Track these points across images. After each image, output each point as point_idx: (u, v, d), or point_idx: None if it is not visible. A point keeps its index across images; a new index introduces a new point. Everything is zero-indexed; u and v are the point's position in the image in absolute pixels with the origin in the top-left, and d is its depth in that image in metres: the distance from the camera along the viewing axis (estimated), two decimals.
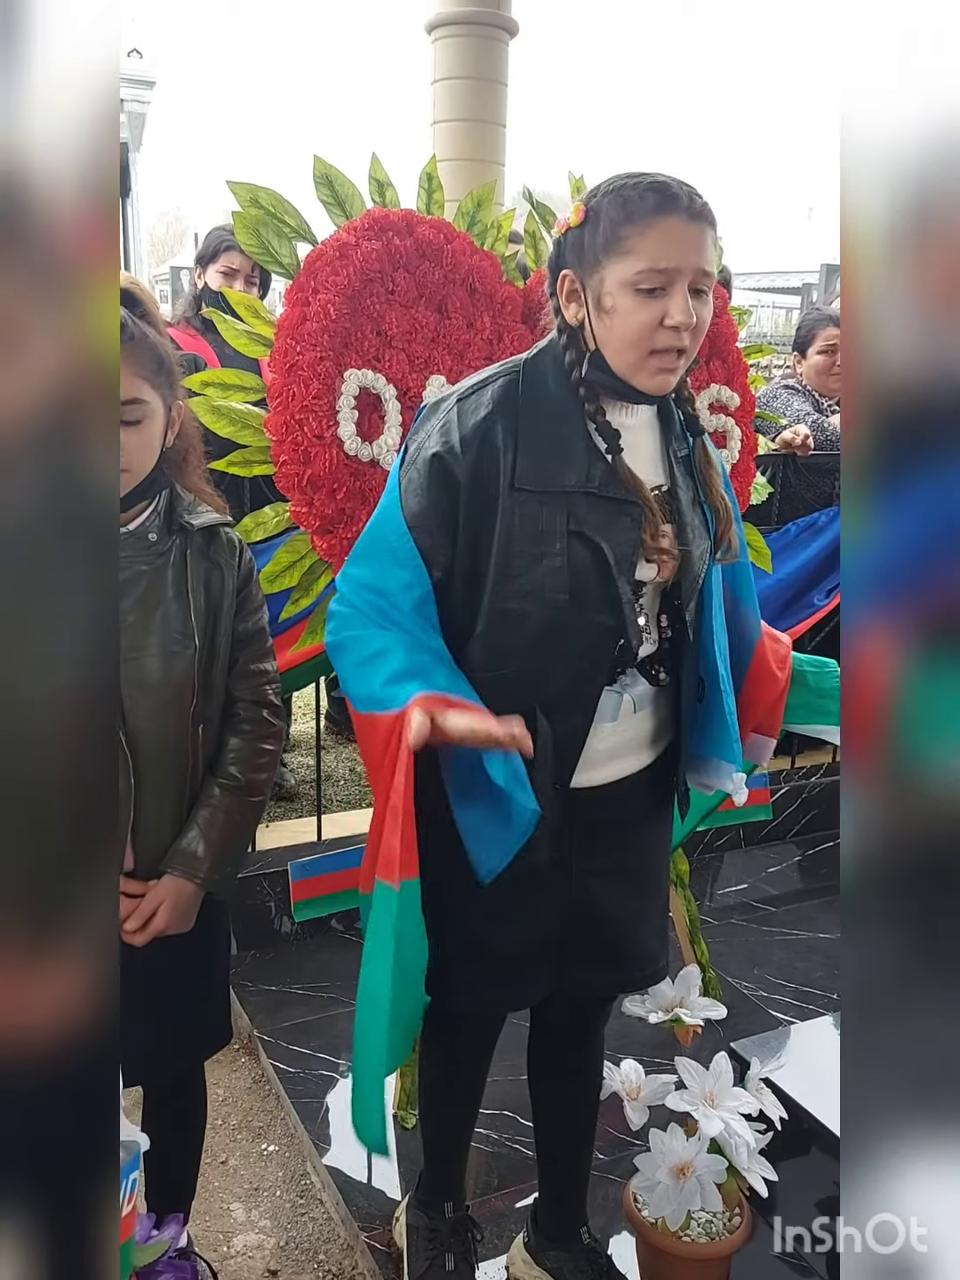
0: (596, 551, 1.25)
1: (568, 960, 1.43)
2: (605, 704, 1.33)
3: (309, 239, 1.92)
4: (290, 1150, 2.01)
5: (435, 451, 1.26)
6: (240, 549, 1.50)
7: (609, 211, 1.20)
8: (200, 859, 1.42)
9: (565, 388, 1.27)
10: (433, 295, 1.97)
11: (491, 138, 2.30)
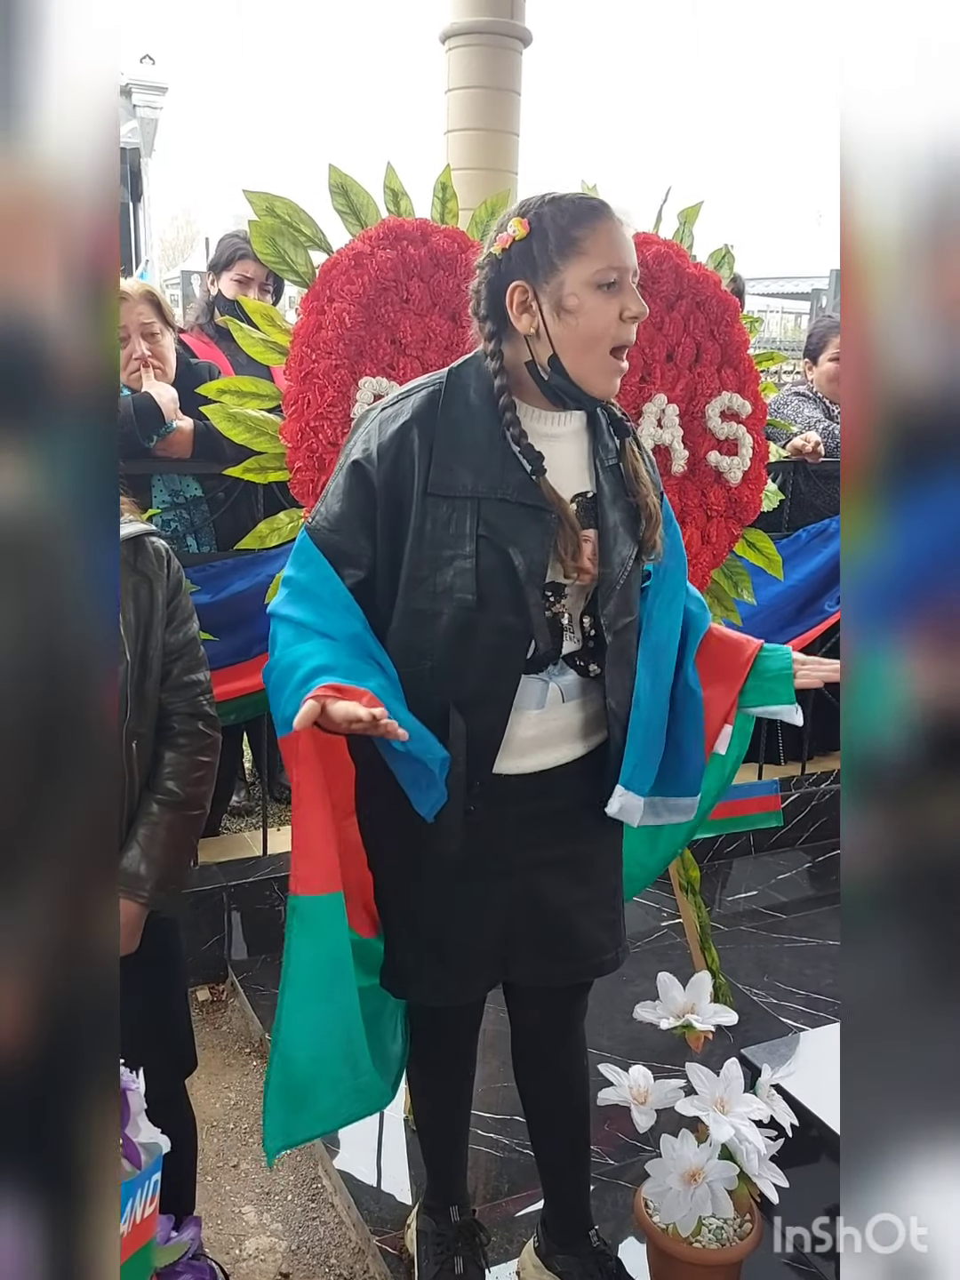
0: (505, 557, 1.30)
1: (514, 951, 1.46)
2: (530, 692, 1.36)
3: (324, 248, 1.94)
4: (301, 1154, 2.02)
5: (355, 459, 1.33)
6: (167, 558, 1.44)
7: (555, 219, 1.27)
8: (143, 878, 1.38)
9: (487, 402, 1.32)
10: (447, 303, 1.98)
11: (505, 146, 2.31)
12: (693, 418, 2.20)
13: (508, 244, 1.30)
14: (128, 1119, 0.84)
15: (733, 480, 2.23)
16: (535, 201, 1.30)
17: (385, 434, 1.31)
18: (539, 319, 1.28)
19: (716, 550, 2.25)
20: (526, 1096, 1.67)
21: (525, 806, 1.40)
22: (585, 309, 1.26)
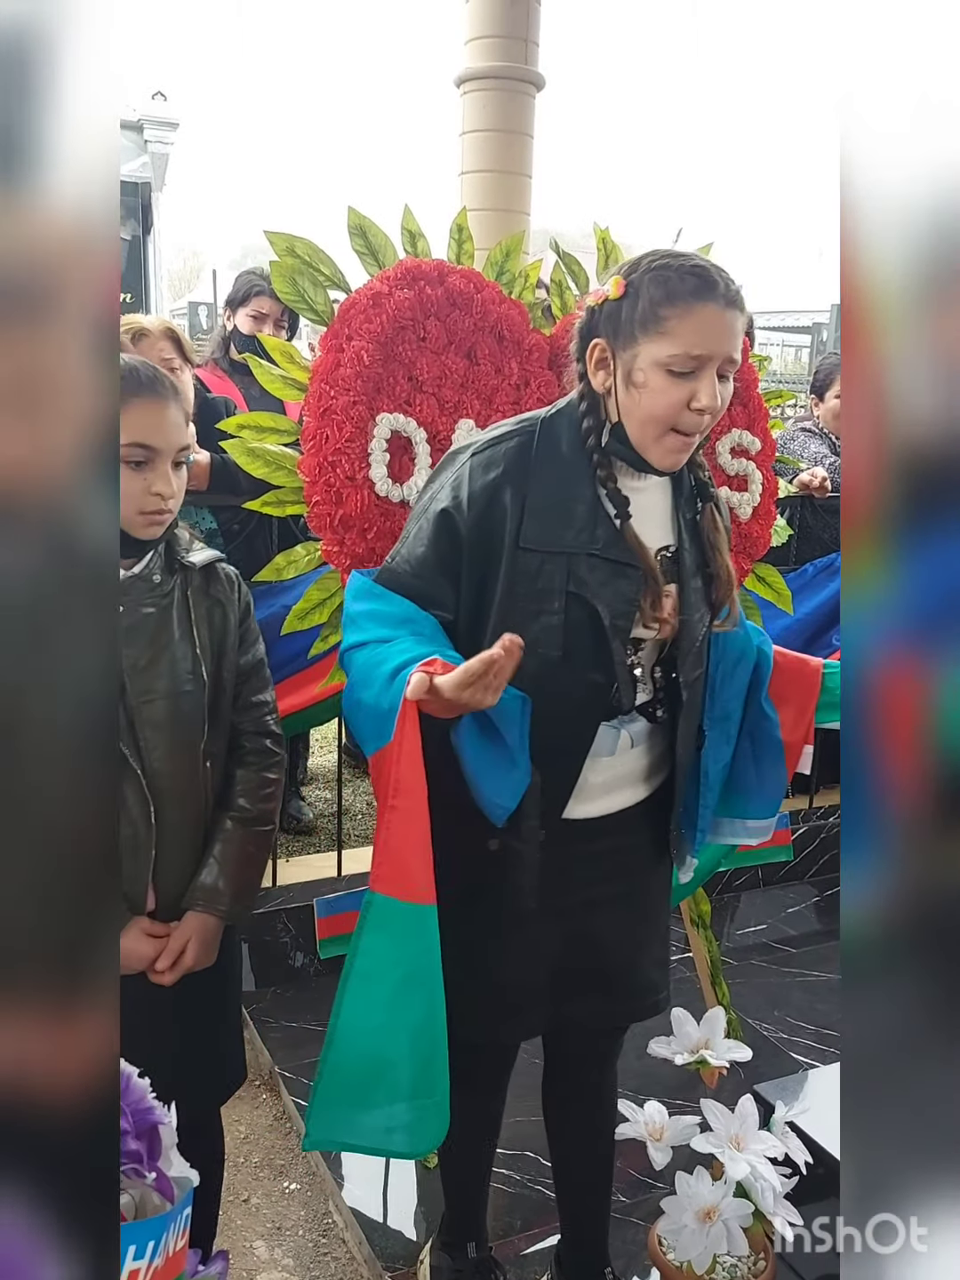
0: (592, 613, 1.29)
1: (570, 990, 1.46)
2: (603, 739, 1.37)
3: (343, 287, 1.97)
4: (312, 1189, 2.01)
5: (444, 507, 1.31)
6: (238, 583, 1.52)
7: (649, 290, 1.23)
8: (221, 892, 1.43)
9: (578, 451, 1.31)
10: (462, 342, 2.01)
11: (518, 188, 2.35)
12: (702, 454, 2.22)
13: (600, 300, 1.29)
14: (159, 1153, 0.85)
15: (743, 516, 2.25)
16: (646, 263, 1.26)
17: (476, 483, 1.30)
18: (612, 381, 1.28)
19: None
20: (554, 1133, 1.67)
21: (587, 848, 1.40)
22: (650, 388, 1.23)
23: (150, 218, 8.13)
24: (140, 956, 1.39)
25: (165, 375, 1.38)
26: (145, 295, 7.92)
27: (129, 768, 1.37)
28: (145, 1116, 0.84)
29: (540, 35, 2.28)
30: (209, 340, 3.43)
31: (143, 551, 1.40)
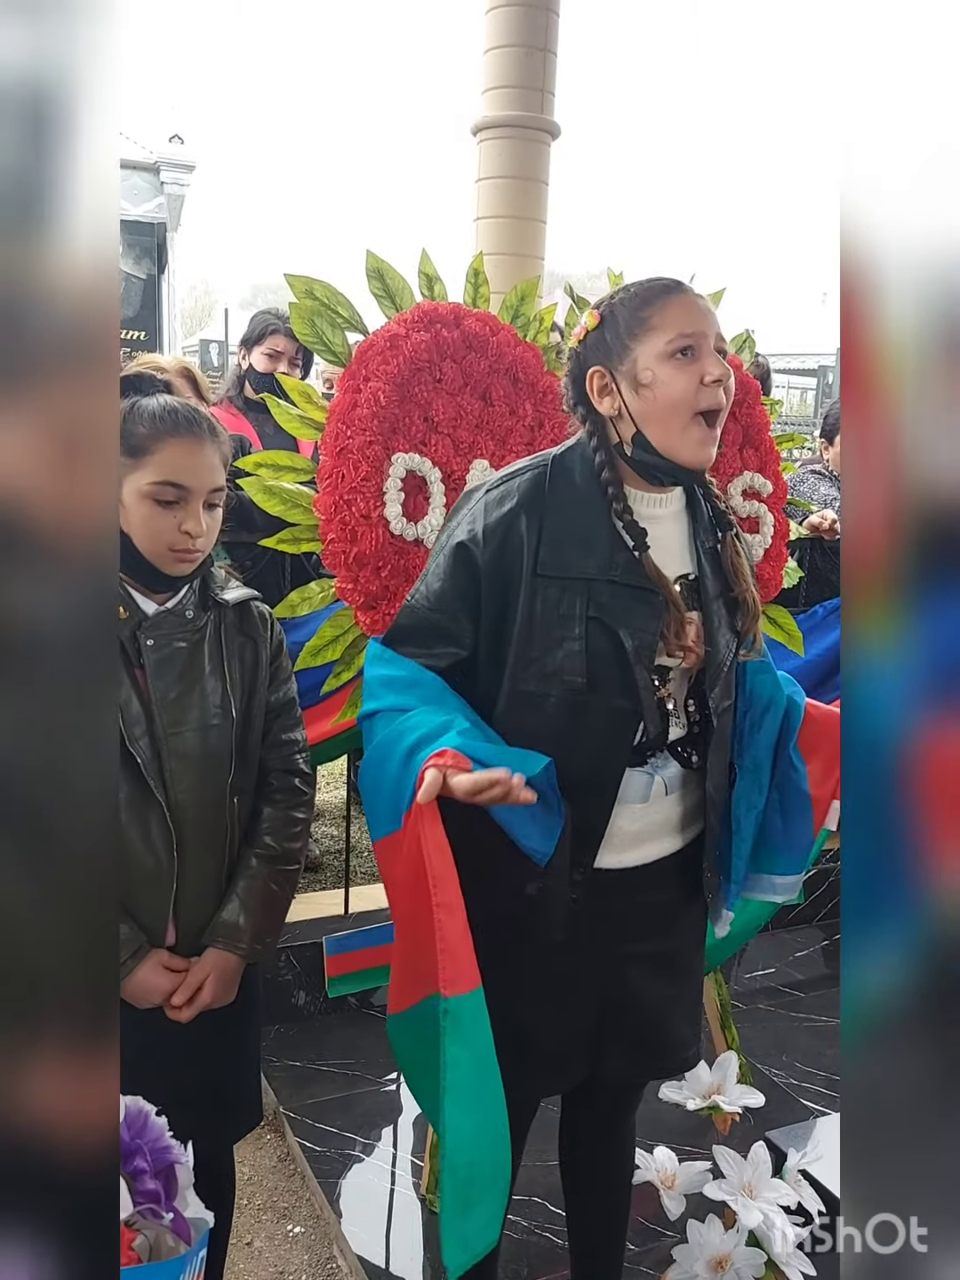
0: (614, 638, 1.29)
1: (602, 1046, 1.43)
2: (636, 785, 1.35)
3: (360, 329, 2.00)
4: (316, 1233, 1.99)
5: (460, 540, 1.33)
6: (271, 622, 1.54)
7: (624, 304, 1.30)
8: (242, 930, 1.43)
9: (591, 484, 1.33)
10: (478, 384, 2.04)
11: (533, 233, 2.39)
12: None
13: (582, 336, 1.33)
14: (175, 1193, 0.84)
15: (754, 558, 2.27)
16: (608, 295, 1.33)
17: (491, 516, 1.32)
18: (619, 400, 1.30)
19: None
20: (570, 1182, 1.65)
21: (622, 900, 1.37)
22: (660, 380, 1.26)
23: (165, 257, 8.25)
24: (158, 990, 1.39)
25: (205, 417, 1.40)
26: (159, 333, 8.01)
27: (153, 799, 1.37)
28: (163, 1155, 0.83)
29: (556, 85, 2.33)
30: (220, 378, 3.47)
31: (176, 587, 1.42)
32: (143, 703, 1.38)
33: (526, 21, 2.23)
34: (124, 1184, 0.77)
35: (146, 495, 1.35)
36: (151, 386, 1.43)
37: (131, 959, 1.37)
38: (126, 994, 1.38)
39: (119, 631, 1.38)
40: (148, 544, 1.37)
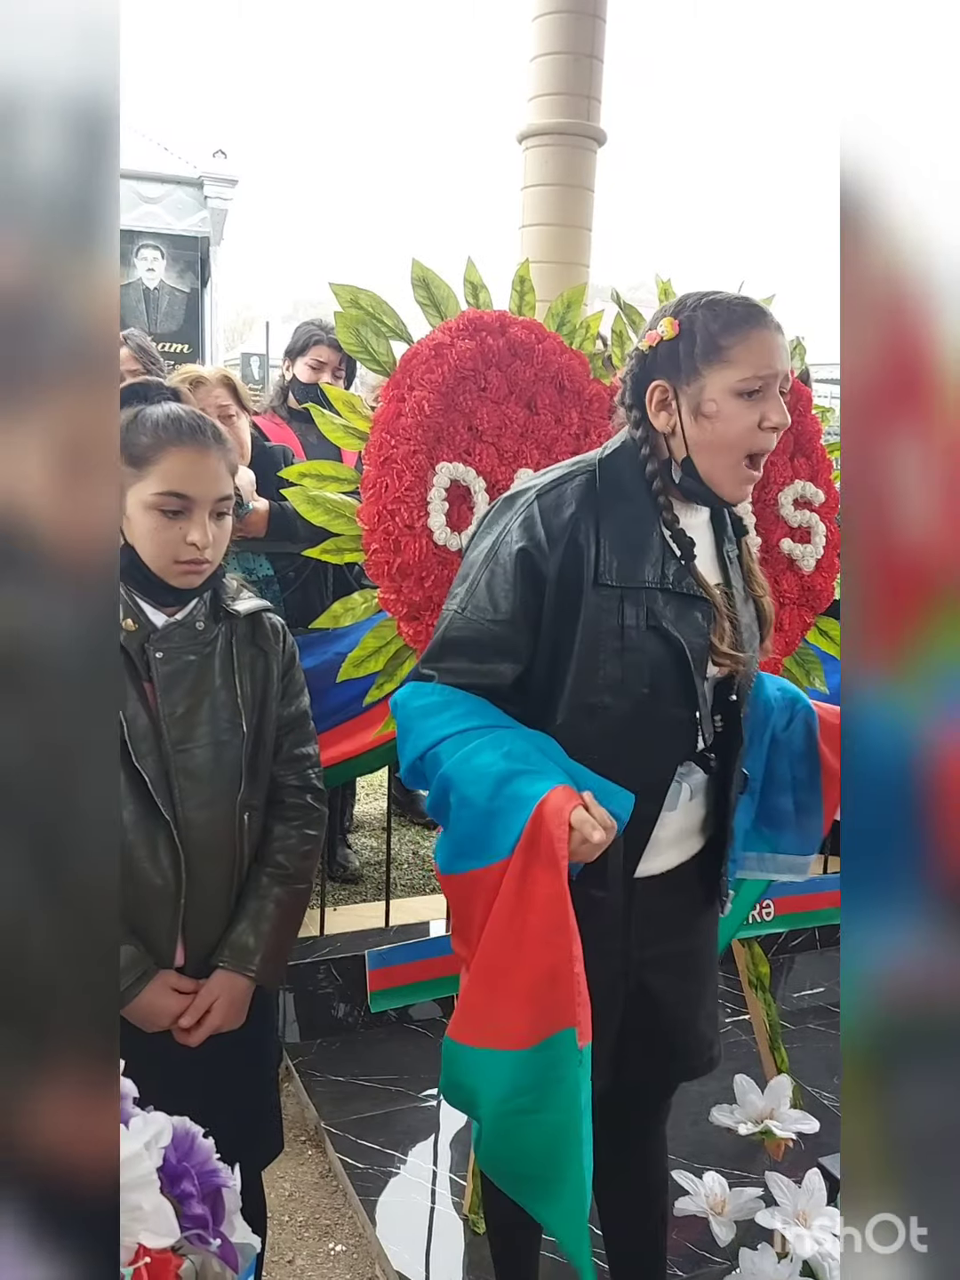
0: (674, 645, 1.29)
1: (625, 1051, 1.42)
2: (674, 791, 1.36)
3: (405, 338, 1.99)
4: (359, 1251, 1.96)
5: (522, 546, 1.29)
6: (283, 634, 1.50)
7: (705, 324, 1.26)
8: (252, 951, 1.39)
9: (640, 491, 1.32)
10: (523, 392, 2.02)
11: (579, 241, 2.37)
12: (765, 505, 2.20)
13: (655, 342, 1.30)
14: (222, 1217, 0.82)
15: (806, 568, 2.22)
16: (692, 302, 1.29)
17: (553, 523, 1.28)
18: (676, 419, 1.29)
19: (789, 638, 2.23)
20: (603, 1201, 1.61)
21: (649, 905, 1.38)
22: (723, 415, 1.26)
23: (208, 271, 8.33)
24: (165, 1012, 1.35)
25: (210, 425, 1.36)
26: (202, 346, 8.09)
27: (160, 817, 1.33)
28: (210, 1179, 0.81)
29: (602, 92, 2.31)
30: (261, 391, 3.48)
31: (185, 599, 1.39)
32: (151, 718, 1.34)
33: (574, 28, 2.21)
34: (170, 1208, 0.75)
35: (151, 506, 1.32)
36: (158, 394, 1.40)
37: (138, 981, 1.33)
38: (134, 1017, 1.33)
39: (127, 644, 1.34)
40: (153, 556, 1.34)
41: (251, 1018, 1.42)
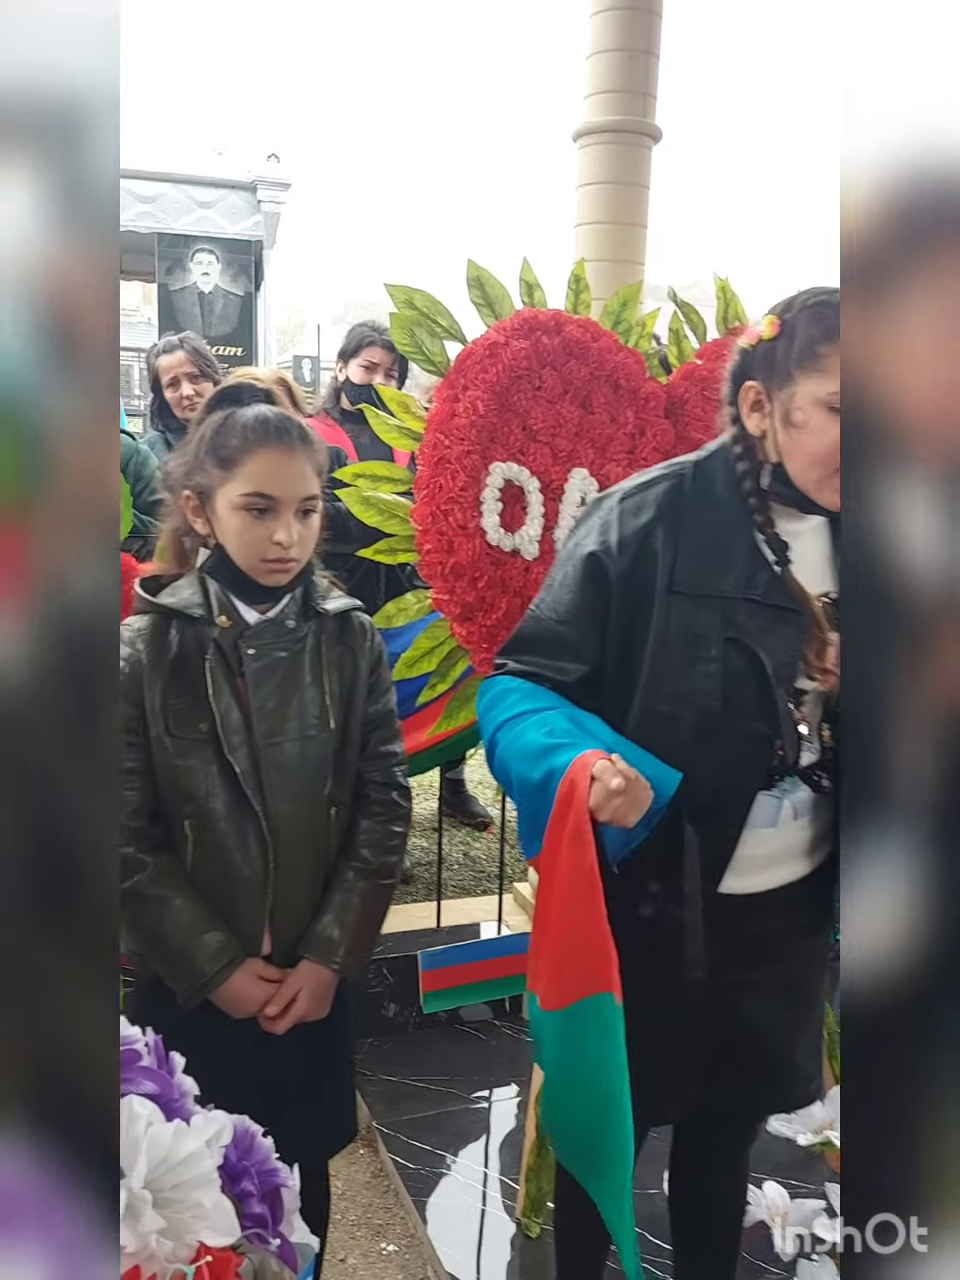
0: (753, 659, 1.22)
1: (716, 1077, 1.37)
2: (764, 809, 1.28)
3: (459, 338, 1.98)
4: (411, 1252, 1.96)
5: (591, 550, 1.27)
6: (371, 632, 1.52)
7: (806, 328, 1.19)
8: (336, 943, 1.42)
9: (734, 494, 1.26)
10: (578, 391, 2.00)
11: (634, 239, 2.35)
12: None
13: (755, 340, 1.25)
14: (281, 1217, 0.82)
15: None
16: (801, 300, 1.22)
17: (626, 527, 1.25)
18: (768, 423, 1.23)
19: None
20: (678, 1216, 1.59)
21: (744, 927, 1.31)
22: (810, 427, 1.19)
23: (261, 274, 8.40)
24: (251, 999, 1.39)
25: (297, 426, 1.38)
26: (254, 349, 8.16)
27: (250, 809, 1.37)
28: (270, 1178, 0.81)
29: (659, 89, 2.29)
30: (313, 393, 3.51)
31: (276, 596, 1.42)
32: (242, 712, 1.38)
33: (630, 25, 2.20)
34: (231, 1207, 0.76)
35: (238, 506, 1.35)
36: (251, 396, 1.42)
37: (227, 967, 1.37)
38: (220, 1001, 1.38)
39: (221, 640, 1.38)
40: (241, 555, 1.37)
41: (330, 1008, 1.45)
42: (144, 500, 2.72)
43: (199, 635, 1.39)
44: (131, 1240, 0.67)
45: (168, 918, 1.36)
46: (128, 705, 1.36)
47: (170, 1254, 0.70)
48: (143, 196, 7.59)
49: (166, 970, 1.38)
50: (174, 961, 1.37)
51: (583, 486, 2.03)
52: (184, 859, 1.39)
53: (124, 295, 16.46)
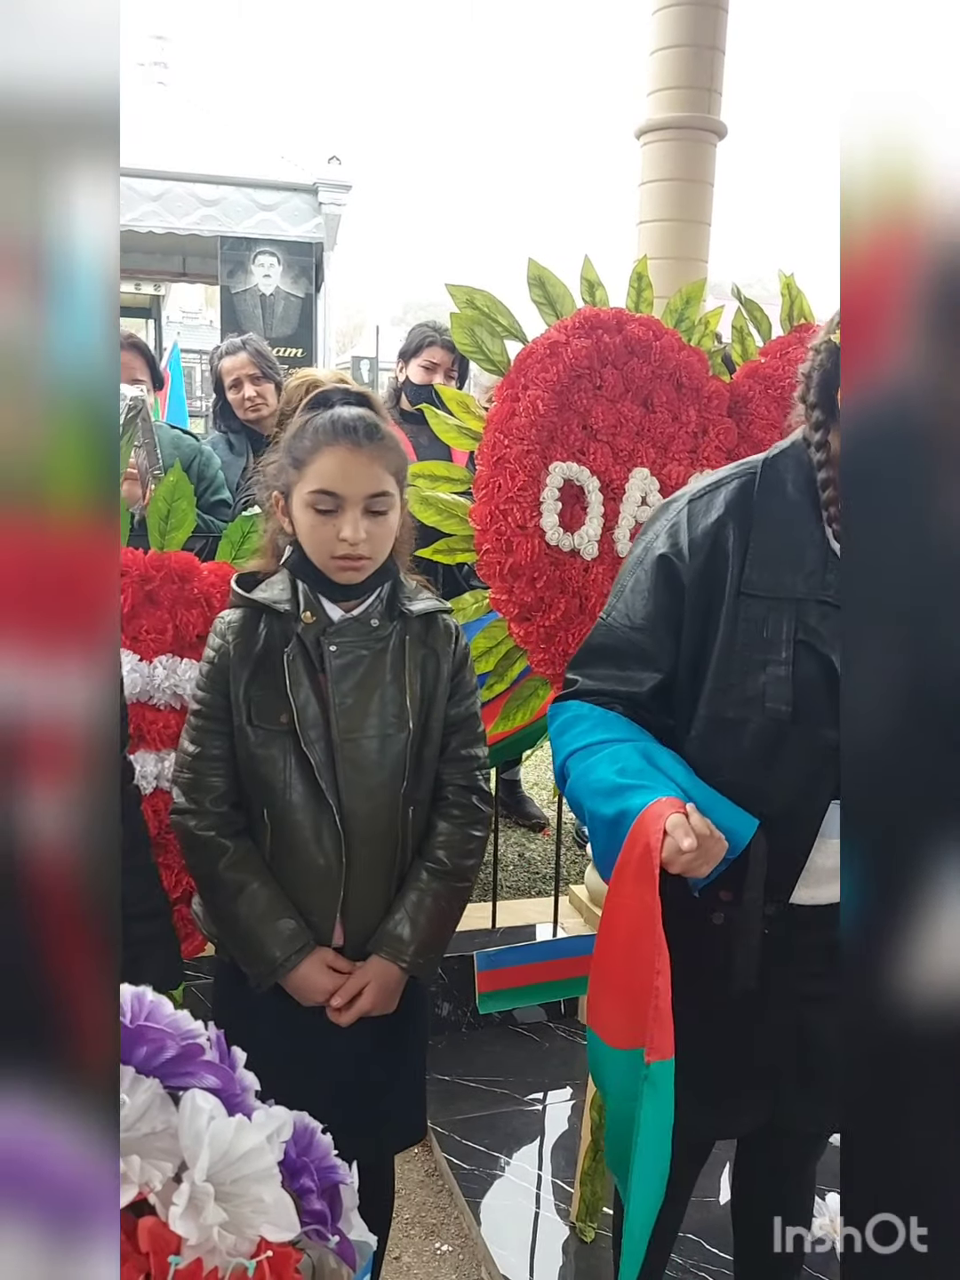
0: (826, 664, 1.18)
1: (782, 1090, 1.34)
2: (835, 818, 1.24)
3: (520, 337, 1.98)
4: (465, 1253, 1.96)
5: (662, 553, 1.26)
6: (456, 635, 1.53)
7: None
8: (406, 942, 1.42)
9: (805, 491, 1.23)
10: (639, 390, 1.99)
11: (698, 236, 2.33)
12: None
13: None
14: (340, 1214, 0.82)
15: None
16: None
17: (696, 528, 1.24)
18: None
19: None
20: (741, 1226, 1.57)
21: (814, 938, 1.27)
22: None
23: (322, 276, 8.46)
24: (319, 988, 1.41)
25: (367, 425, 1.38)
26: (314, 351, 8.23)
27: (325, 802, 1.39)
28: (329, 1175, 0.81)
29: (723, 85, 2.27)
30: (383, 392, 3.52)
31: (358, 594, 1.43)
32: (321, 706, 1.40)
33: (696, 20, 2.17)
34: (291, 1202, 0.76)
35: (307, 504, 1.37)
36: (342, 400, 1.43)
37: (298, 953, 1.39)
38: (290, 987, 1.41)
39: (304, 635, 1.41)
40: (313, 552, 1.40)
41: (402, 1011, 1.46)
42: (206, 500, 2.75)
43: (285, 630, 1.42)
44: (194, 1233, 0.68)
45: (243, 902, 1.39)
46: (216, 695, 1.41)
47: (232, 1248, 0.70)
48: (206, 200, 7.69)
49: (240, 953, 1.41)
50: (247, 945, 1.40)
51: (644, 486, 2.01)
52: (263, 847, 1.42)
53: (187, 298, 16.68)
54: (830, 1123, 1.43)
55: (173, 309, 15.27)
